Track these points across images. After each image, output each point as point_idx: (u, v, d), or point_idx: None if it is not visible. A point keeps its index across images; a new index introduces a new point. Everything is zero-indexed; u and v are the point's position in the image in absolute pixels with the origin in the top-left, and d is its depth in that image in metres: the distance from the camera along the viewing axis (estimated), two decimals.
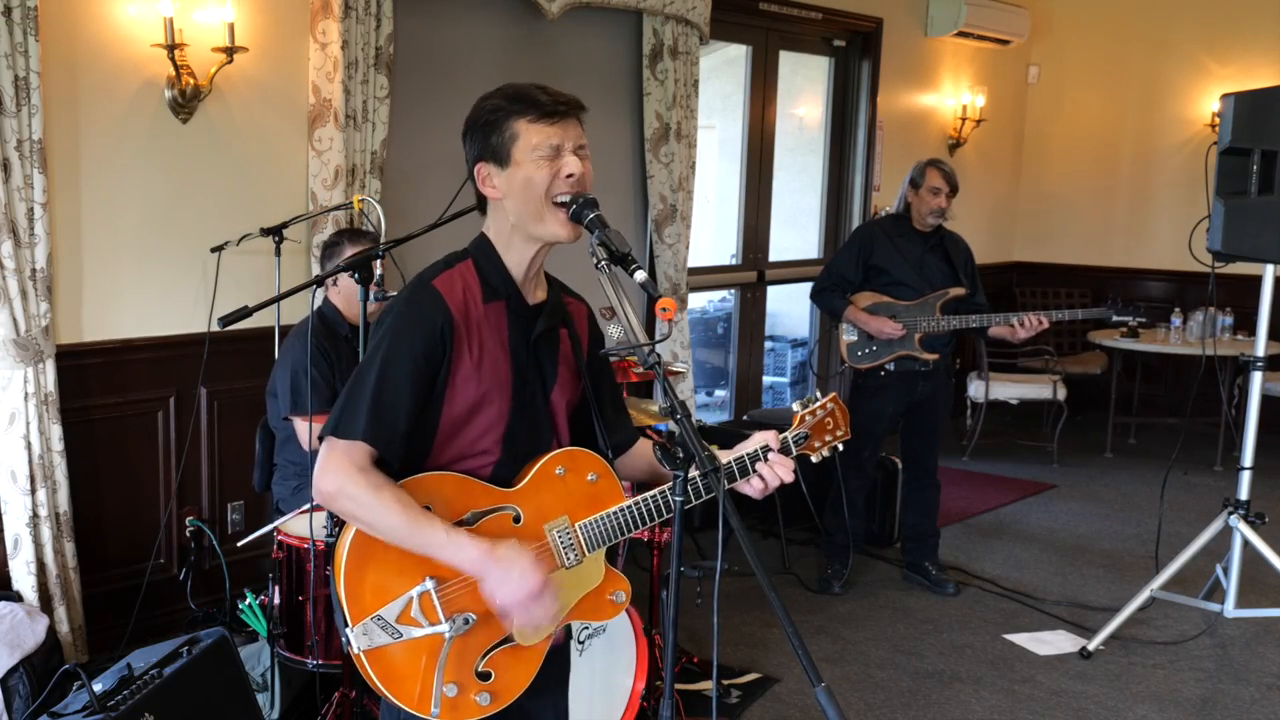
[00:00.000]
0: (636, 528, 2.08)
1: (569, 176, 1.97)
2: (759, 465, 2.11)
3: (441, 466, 2.04)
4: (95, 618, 3.91)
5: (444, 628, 1.97)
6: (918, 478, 5.01)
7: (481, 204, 2.09)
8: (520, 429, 2.07)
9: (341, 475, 1.92)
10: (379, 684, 1.97)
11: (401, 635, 1.97)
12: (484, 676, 2.02)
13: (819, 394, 2.23)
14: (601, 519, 2.08)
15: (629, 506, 2.08)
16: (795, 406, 2.21)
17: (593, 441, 2.19)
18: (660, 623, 3.55)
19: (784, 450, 2.16)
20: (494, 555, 1.94)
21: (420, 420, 2.00)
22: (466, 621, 1.99)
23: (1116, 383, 7.60)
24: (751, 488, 2.13)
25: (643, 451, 2.28)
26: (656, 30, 5.43)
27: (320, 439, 1.99)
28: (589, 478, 2.10)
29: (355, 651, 1.96)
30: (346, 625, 1.96)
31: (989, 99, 7.89)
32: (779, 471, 2.10)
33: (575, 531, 2.07)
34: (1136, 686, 4.09)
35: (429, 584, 1.97)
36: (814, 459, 2.22)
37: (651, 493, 2.08)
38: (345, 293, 3.67)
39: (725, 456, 2.13)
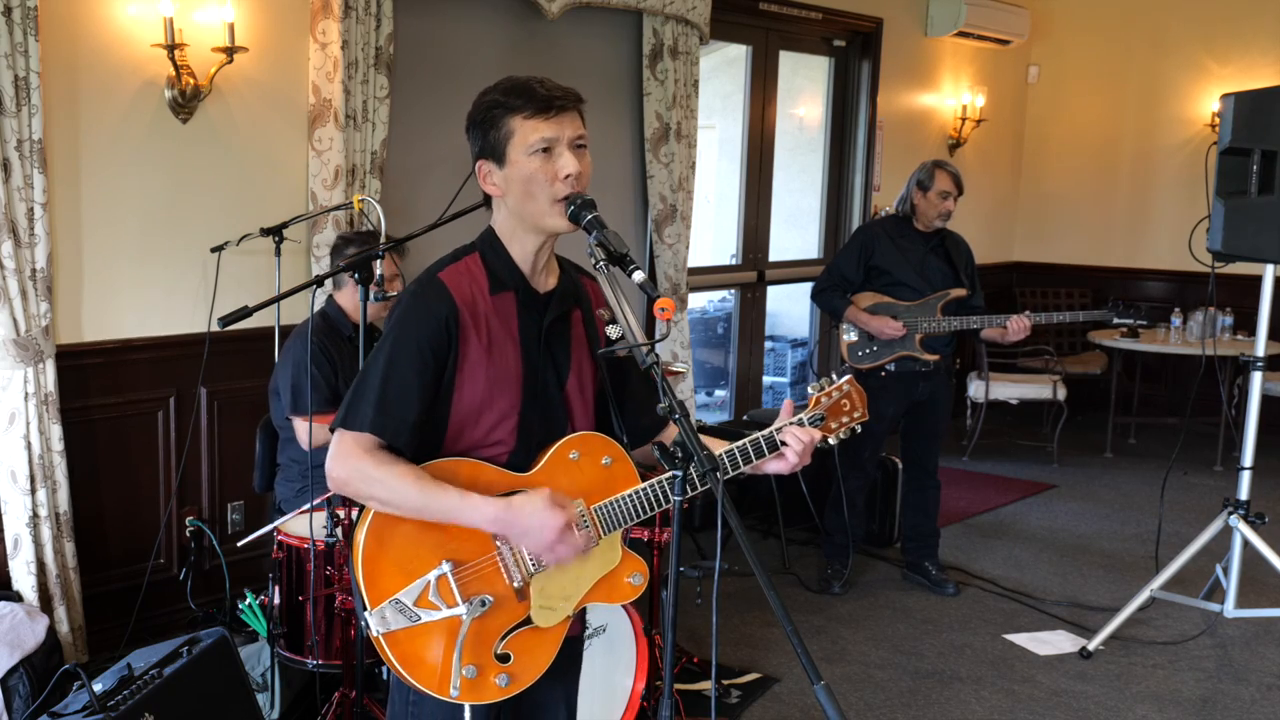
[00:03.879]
0: (652, 510, 2.08)
1: (567, 177, 1.97)
2: (785, 431, 2.09)
3: (456, 455, 2.05)
4: (95, 618, 3.91)
5: (461, 610, 1.99)
6: (918, 478, 5.01)
7: (488, 198, 2.10)
8: (534, 419, 2.08)
9: (352, 459, 1.97)
10: (398, 666, 2.00)
11: (420, 618, 1.99)
12: (503, 659, 2.04)
13: (834, 376, 2.21)
14: (616, 501, 2.08)
15: (644, 489, 2.08)
16: (810, 389, 2.20)
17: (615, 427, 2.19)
18: (660, 623, 3.55)
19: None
20: (511, 508, 1.97)
21: (431, 411, 2.02)
22: (484, 603, 2.01)
23: (1116, 383, 7.60)
24: (784, 462, 2.12)
25: (670, 435, 2.27)
26: (656, 30, 5.43)
27: (331, 430, 2.03)
28: (603, 461, 2.10)
29: (374, 634, 1.98)
30: (365, 609, 1.98)
31: (989, 99, 7.89)
32: (801, 435, 2.09)
33: (591, 514, 2.07)
34: (1136, 686, 4.09)
35: (446, 567, 2.00)
36: (831, 440, 2.19)
37: (666, 475, 2.07)
38: (351, 293, 3.66)
39: (745, 440, 2.12)
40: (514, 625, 2.05)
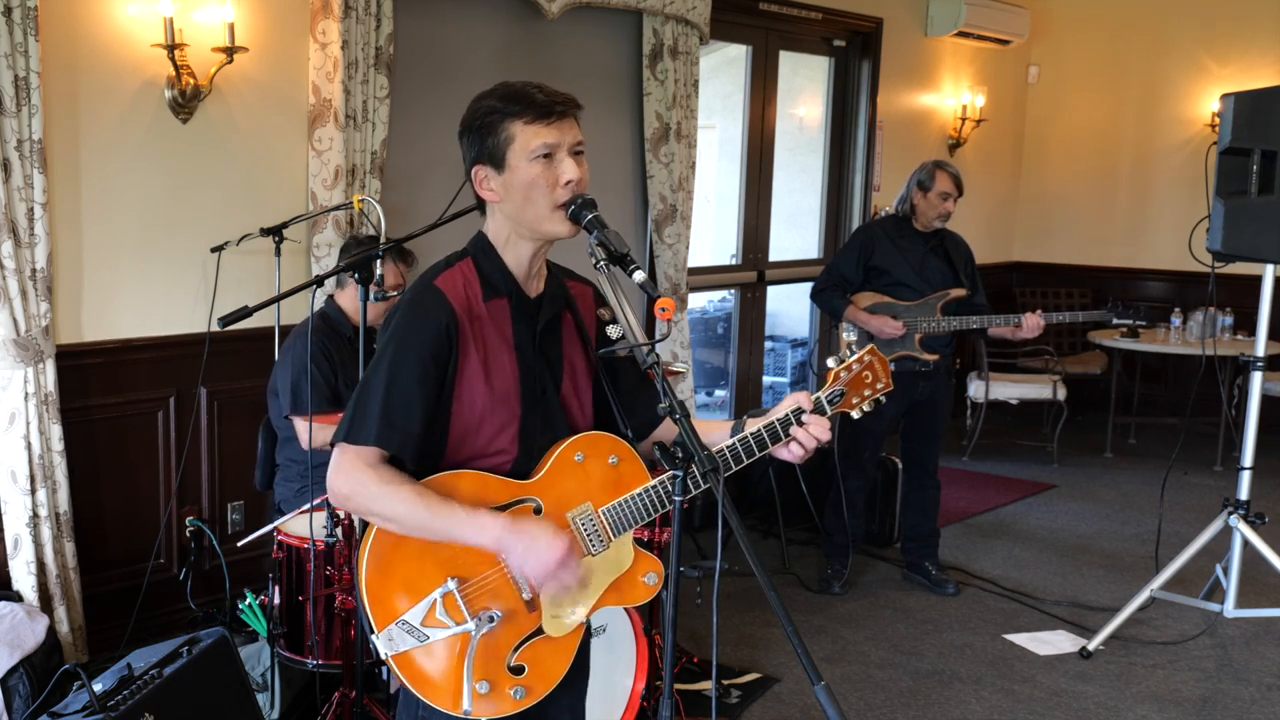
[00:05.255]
0: (662, 508, 2.05)
1: (567, 183, 1.96)
2: (793, 429, 2.05)
3: (458, 466, 2.03)
4: (95, 618, 3.91)
5: (470, 626, 1.97)
6: (918, 478, 5.01)
7: (481, 203, 2.08)
8: (534, 425, 2.06)
9: (355, 474, 1.94)
10: (410, 687, 1.97)
11: (428, 638, 1.97)
12: (517, 671, 2.02)
13: (855, 348, 2.13)
14: (625, 502, 2.05)
15: (651, 488, 2.05)
16: (830, 363, 2.12)
17: (616, 426, 2.15)
18: (660, 623, 3.55)
19: (818, 410, 2.08)
20: (515, 529, 1.94)
21: (433, 421, 2.00)
22: (492, 619, 1.98)
23: (1116, 383, 7.60)
24: (789, 453, 2.07)
25: (663, 432, 2.24)
26: (656, 30, 5.43)
27: (332, 444, 2.00)
28: (610, 461, 2.07)
29: (384, 656, 1.96)
30: (372, 632, 1.96)
31: (989, 99, 7.89)
32: (815, 432, 2.04)
33: (599, 517, 2.05)
34: (1136, 686, 4.09)
35: (451, 584, 1.97)
36: (855, 415, 2.13)
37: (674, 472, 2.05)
38: (352, 294, 3.66)
39: (757, 424, 2.08)
40: (526, 636, 2.03)
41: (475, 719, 1.98)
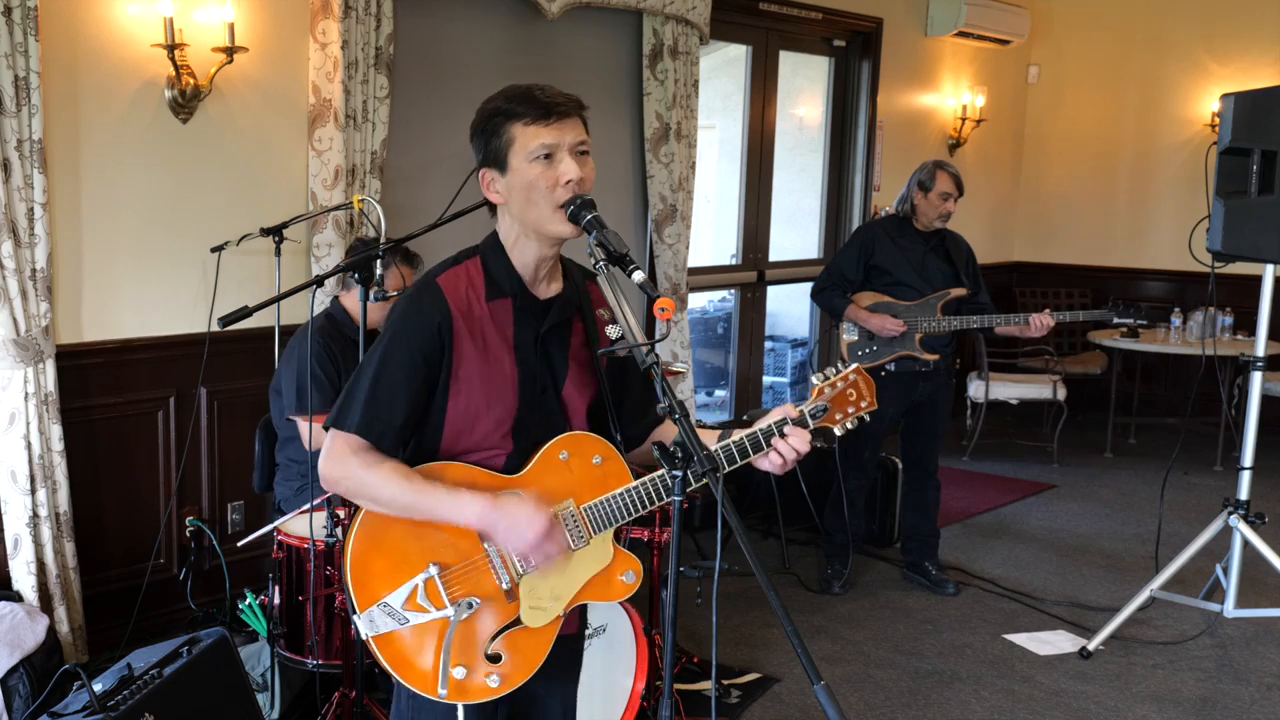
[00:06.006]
0: (643, 508, 2.09)
1: (568, 183, 1.97)
2: (774, 440, 2.09)
3: (453, 459, 2.07)
4: (95, 618, 3.91)
5: (449, 612, 2.02)
6: (918, 478, 5.01)
7: (492, 205, 2.10)
8: (531, 424, 2.09)
9: (341, 460, 2.01)
10: (389, 667, 2.03)
11: (408, 621, 2.02)
12: (494, 659, 2.06)
13: (840, 365, 2.18)
14: (607, 500, 2.08)
15: (634, 488, 2.08)
16: (815, 379, 2.17)
17: (609, 430, 2.18)
18: (660, 623, 3.55)
19: (801, 424, 2.12)
20: (497, 507, 1.99)
21: (425, 415, 2.05)
22: (470, 606, 2.03)
23: (1116, 383, 7.60)
24: (770, 463, 2.11)
25: (661, 434, 2.27)
26: (656, 30, 5.43)
27: (325, 430, 2.06)
28: (594, 460, 2.11)
29: (364, 636, 2.02)
30: (355, 612, 2.02)
31: (989, 99, 7.89)
32: (794, 443, 2.08)
33: (580, 514, 2.08)
34: (1136, 686, 4.09)
35: (433, 570, 2.03)
36: (838, 431, 2.17)
37: (658, 473, 2.07)
38: (357, 297, 3.65)
39: (740, 433, 2.11)
40: (504, 626, 2.07)
41: (450, 703, 2.04)
